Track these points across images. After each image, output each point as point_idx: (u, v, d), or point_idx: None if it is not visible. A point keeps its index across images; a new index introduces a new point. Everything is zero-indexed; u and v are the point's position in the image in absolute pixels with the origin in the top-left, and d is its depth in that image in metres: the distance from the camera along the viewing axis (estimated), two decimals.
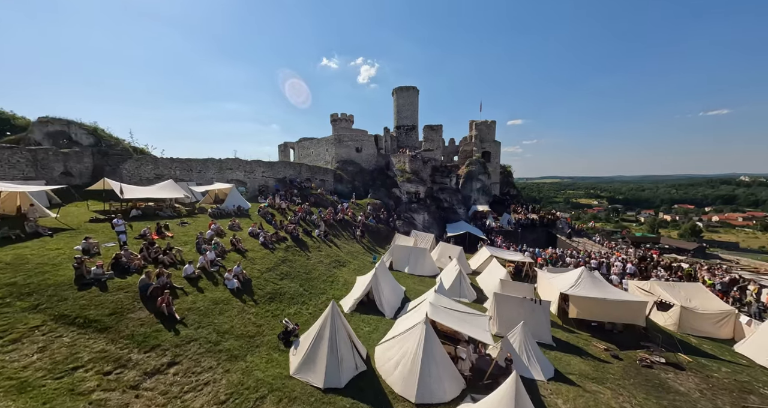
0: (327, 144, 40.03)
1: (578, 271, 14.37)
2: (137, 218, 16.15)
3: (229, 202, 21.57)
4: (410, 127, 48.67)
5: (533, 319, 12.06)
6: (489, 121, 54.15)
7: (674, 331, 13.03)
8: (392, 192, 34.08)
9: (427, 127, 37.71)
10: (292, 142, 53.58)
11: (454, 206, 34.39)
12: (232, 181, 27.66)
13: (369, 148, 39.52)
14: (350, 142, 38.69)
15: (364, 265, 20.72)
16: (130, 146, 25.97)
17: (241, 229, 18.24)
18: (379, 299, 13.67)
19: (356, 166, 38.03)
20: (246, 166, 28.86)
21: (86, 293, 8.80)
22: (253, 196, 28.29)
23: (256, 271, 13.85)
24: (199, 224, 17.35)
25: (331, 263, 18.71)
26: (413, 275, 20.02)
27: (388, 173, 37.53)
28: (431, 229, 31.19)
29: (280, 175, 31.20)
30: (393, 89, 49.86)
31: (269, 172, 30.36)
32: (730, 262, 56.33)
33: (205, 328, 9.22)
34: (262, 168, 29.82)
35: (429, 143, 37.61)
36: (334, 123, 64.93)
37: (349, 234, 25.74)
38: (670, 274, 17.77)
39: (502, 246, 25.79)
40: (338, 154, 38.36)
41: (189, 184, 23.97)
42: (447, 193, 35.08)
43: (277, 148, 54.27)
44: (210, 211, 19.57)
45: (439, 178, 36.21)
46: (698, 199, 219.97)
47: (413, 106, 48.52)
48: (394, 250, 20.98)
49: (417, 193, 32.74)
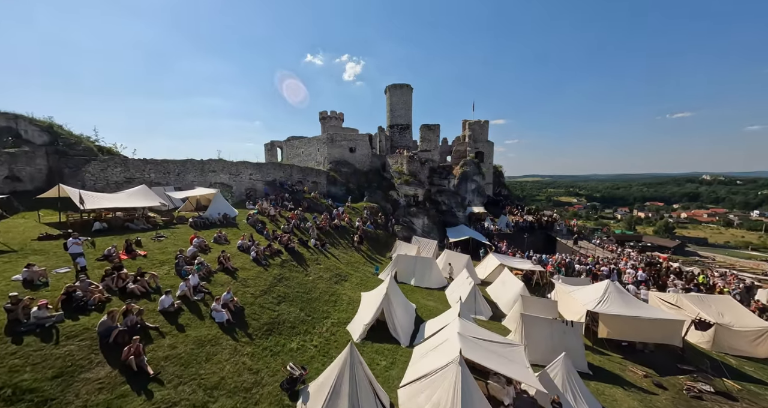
0: (318, 144, 37.79)
1: (603, 285, 13.38)
2: (102, 233, 13.64)
3: (213, 209, 19.18)
4: (404, 127, 47.14)
5: (565, 343, 10.87)
6: (482, 121, 53.55)
7: (708, 349, 12.30)
8: (389, 195, 32.48)
9: (424, 126, 36.39)
10: (280, 141, 50.70)
11: (453, 209, 33.28)
12: (216, 184, 25.09)
13: (363, 148, 37.64)
14: (343, 141, 36.66)
15: (367, 277, 19.03)
16: (95, 145, 22.86)
17: (229, 241, 16.04)
18: (393, 323, 12.04)
19: (350, 167, 36.08)
20: (231, 167, 26.31)
21: (21, 348, 6.60)
22: (239, 200, 25.82)
23: (250, 295, 11.84)
24: (179, 237, 15.02)
25: (332, 278, 16.87)
26: (420, 288, 18.54)
27: (384, 175, 35.86)
28: (431, 233, 29.89)
29: (269, 177, 28.80)
30: (386, 87, 48.12)
31: (257, 175, 27.91)
32: (706, 259, 59.12)
33: (188, 385, 7.24)
34: (249, 170, 27.34)
35: (426, 143, 36.28)
36: (323, 121, 62.37)
37: (347, 242, 23.91)
38: (686, 282, 17.30)
39: (508, 252, 24.82)
40: (331, 154, 36.25)
41: (166, 189, 21.30)
42: (445, 195, 33.91)
43: (264, 148, 51.24)
44: (191, 221, 17.17)
45: (437, 179, 34.98)
46: (667, 196, 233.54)
47: (407, 104, 47.00)
48: (398, 260, 19.41)
49: (416, 196, 31.33)
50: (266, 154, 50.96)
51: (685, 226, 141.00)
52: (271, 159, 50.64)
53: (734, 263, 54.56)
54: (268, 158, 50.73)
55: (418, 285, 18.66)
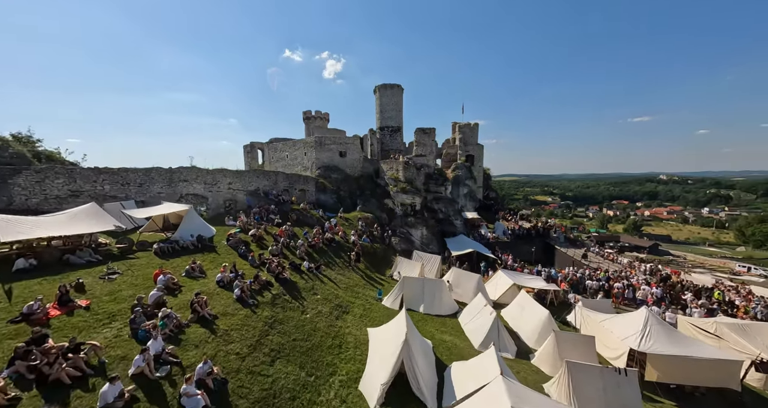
0: (305, 147, 34.72)
1: (641, 317, 12.02)
2: (27, 274, 10.28)
3: (184, 230, 15.98)
4: (395, 129, 45.09)
5: (621, 398, 9.28)
6: (472, 124, 52.75)
7: (760, 389, 11.29)
8: (384, 203, 30.25)
9: (419, 130, 34.53)
10: (261, 142, 46.86)
11: (450, 217, 31.68)
12: (188, 196, 21.59)
13: (354, 152, 35.08)
14: (333, 145, 33.89)
15: (370, 304, 16.68)
16: (31, 150, 18.68)
17: (205, 274, 13.07)
18: (417, 380, 9.83)
19: (341, 173, 33.41)
20: (207, 176, 22.85)
21: None
22: (217, 214, 22.49)
23: (234, 356, 9.14)
24: (139, 272, 11.89)
25: (332, 311, 14.37)
26: (430, 316, 16.51)
27: (377, 181, 33.53)
28: (430, 245, 28.07)
29: (251, 186, 25.53)
30: (375, 87, 45.80)
31: (237, 184, 24.58)
32: (678, 257, 62.28)
33: None
34: (228, 179, 23.96)
35: (421, 148, 34.43)
36: (307, 121, 58.84)
37: (343, 260, 21.40)
38: (709, 302, 16.61)
39: (515, 266, 23.44)
40: (319, 158, 33.36)
41: (125, 204, 17.69)
42: (442, 203, 32.26)
43: (243, 150, 47.08)
44: (156, 248, 13.96)
45: (433, 186, 33.24)
46: (630, 195, 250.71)
47: (398, 105, 44.97)
48: (405, 284, 17.24)
49: (413, 205, 29.36)
50: (245, 157, 46.91)
51: (649, 223, 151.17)
52: (251, 162, 46.65)
53: (704, 262, 58.11)
54: (247, 161, 46.71)
55: (428, 312, 16.61)
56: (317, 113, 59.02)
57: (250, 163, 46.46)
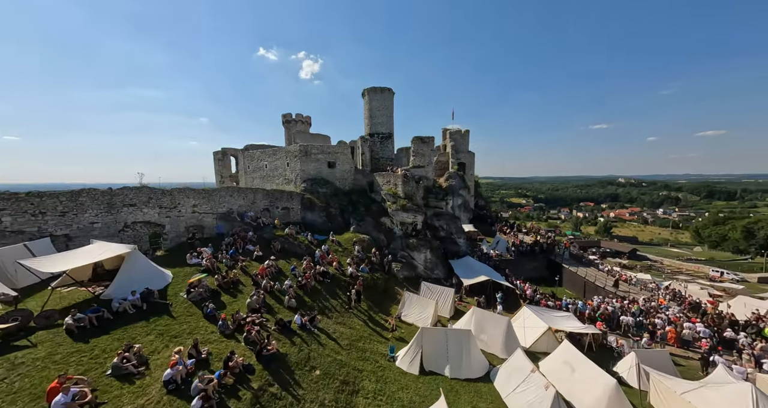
0: (288, 156, 30.10)
1: (744, 394, 9.50)
2: None
3: (122, 283, 11.33)
4: (386, 136, 41.66)
5: None
6: (463, 130, 50.83)
7: None
8: (381, 222, 26.58)
9: (417, 139, 31.37)
10: (235, 148, 41.27)
11: (453, 235, 28.74)
12: (137, 226, 16.56)
13: (345, 162, 31.08)
14: (321, 154, 29.65)
15: (382, 368, 12.95)
16: None
17: (147, 368, 8.64)
18: None
19: (330, 187, 29.24)
20: (163, 198, 17.87)
21: None
22: (176, 245, 17.61)
23: None
24: (26, 381, 7.27)
25: (338, 394, 10.48)
26: (458, 380, 13.11)
27: (372, 197, 29.76)
28: (435, 270, 24.83)
29: (222, 207, 20.74)
30: (364, 90, 42.14)
31: (205, 205, 19.72)
32: (656, 262, 64.46)
33: None
34: (192, 200, 19.05)
35: (419, 158, 31.24)
36: (287, 125, 53.76)
37: (340, 300, 17.44)
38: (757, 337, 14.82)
39: (537, 298, 20.65)
40: (305, 170, 28.96)
41: (33, 247, 12.49)
42: (444, 219, 29.25)
43: (213, 157, 41.19)
44: (68, 324, 9.25)
45: (434, 201, 30.18)
46: (595, 197, 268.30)
47: (389, 110, 41.60)
48: (424, 338, 13.69)
49: (414, 225, 26.02)
50: (216, 165, 40.99)
51: (615, 224, 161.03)
52: (223, 170, 40.82)
53: (680, 266, 60.77)
54: (218, 170, 40.81)
55: (456, 376, 13.17)
56: (298, 116, 54.28)
57: (221, 172, 40.70)
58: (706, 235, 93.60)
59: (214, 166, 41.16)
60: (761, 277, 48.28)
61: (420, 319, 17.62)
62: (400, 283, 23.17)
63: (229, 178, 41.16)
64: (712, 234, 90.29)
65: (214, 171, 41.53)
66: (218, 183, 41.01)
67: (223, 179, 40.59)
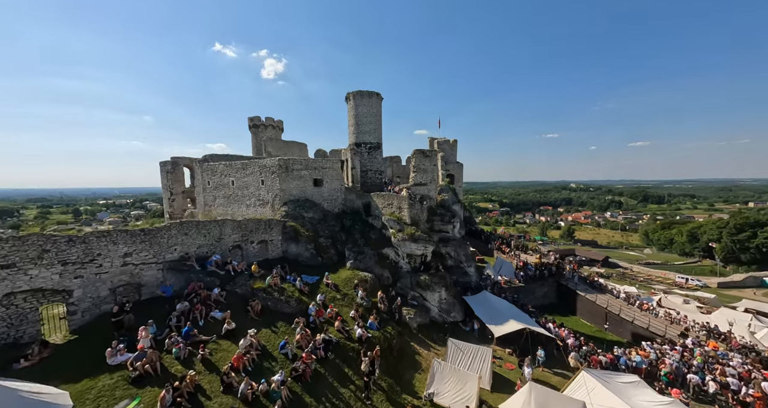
0: (263, 172, 24.00)
1: None
2: None
3: None
4: (374, 146, 37.07)
5: None
6: (451, 141, 48.45)
7: None
8: (384, 255, 21.89)
9: (419, 152, 27.35)
10: (189, 158, 33.57)
11: (462, 264, 25.04)
12: (20, 297, 9.98)
13: (334, 179, 25.86)
14: (304, 170, 24.11)
15: None
16: None
17: None
18: None
19: (317, 211, 23.81)
20: (69, 248, 11.38)
21: None
22: (92, 320, 11.25)
23: None
24: None
25: None
26: None
27: (368, 221, 24.89)
28: (452, 312, 20.70)
29: (172, 252, 14.44)
30: (348, 93, 37.26)
31: (145, 252, 13.37)
32: (627, 270, 67.84)
33: None
34: (122, 246, 12.68)
35: (421, 174, 27.18)
36: (255, 130, 46.56)
37: (350, 387, 12.41)
38: None
39: (584, 351, 17.15)
40: (285, 190, 23.19)
41: None
42: (451, 245, 25.45)
43: (160, 169, 33.03)
44: None
45: (439, 223, 26.25)
46: (552, 201, 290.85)
47: (377, 117, 37.16)
48: None
49: (424, 257, 21.78)
50: (164, 178, 32.71)
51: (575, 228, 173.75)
52: (174, 185, 32.68)
53: (650, 274, 64.68)
54: (167, 184, 32.56)
55: None
56: (268, 121, 47.48)
57: (170, 186, 32.70)
58: (655, 238, 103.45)
59: (161, 180, 32.96)
60: (720, 282, 52.58)
61: (459, 400, 13.25)
62: (414, 334, 18.66)
63: (182, 194, 33.31)
64: (661, 237, 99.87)
65: (161, 188, 33.29)
66: (167, 201, 32.90)
67: (173, 196, 32.63)
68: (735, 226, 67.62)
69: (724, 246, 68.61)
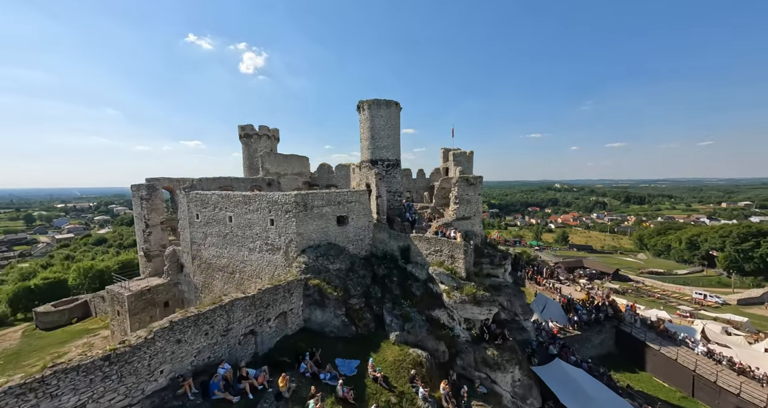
0: (273, 209, 18.34)
1: None
2: None
3: None
4: (392, 163, 31.84)
5: None
6: (468, 152, 44.03)
7: None
8: (434, 319, 16.89)
9: (462, 180, 22.52)
10: (169, 179, 27.15)
11: (518, 317, 20.56)
12: None
13: (361, 215, 20.60)
14: (326, 206, 18.71)
15: None
16: None
17: None
18: None
19: (344, 259, 18.48)
20: None
21: None
22: None
23: None
24: None
25: None
26: None
27: (407, 269, 19.73)
28: (528, 397, 15.89)
29: (160, 376, 8.79)
30: (361, 102, 31.80)
31: (115, 391, 7.65)
32: (639, 283, 65.81)
33: None
34: (71, 394, 6.89)
35: (464, 206, 22.34)
36: (247, 140, 40.09)
37: None
38: None
39: None
40: (303, 234, 17.74)
41: None
42: (504, 294, 20.82)
43: (131, 194, 26.48)
44: None
45: (488, 267, 21.58)
46: (539, 201, 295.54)
47: (395, 130, 31.92)
48: None
49: (486, 322, 16.93)
50: (137, 207, 26.05)
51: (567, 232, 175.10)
52: (150, 216, 26.02)
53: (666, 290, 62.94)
54: (141, 214, 25.82)
55: None
56: (263, 130, 41.22)
57: (145, 217, 26.16)
58: (651, 244, 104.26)
59: (134, 208, 26.34)
60: (740, 298, 51.27)
61: None
62: None
63: (161, 225, 26.79)
64: (657, 243, 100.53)
65: (134, 214, 26.65)
66: (141, 235, 26.27)
67: (149, 229, 26.07)
68: (739, 235, 67.62)
69: (728, 255, 68.58)
